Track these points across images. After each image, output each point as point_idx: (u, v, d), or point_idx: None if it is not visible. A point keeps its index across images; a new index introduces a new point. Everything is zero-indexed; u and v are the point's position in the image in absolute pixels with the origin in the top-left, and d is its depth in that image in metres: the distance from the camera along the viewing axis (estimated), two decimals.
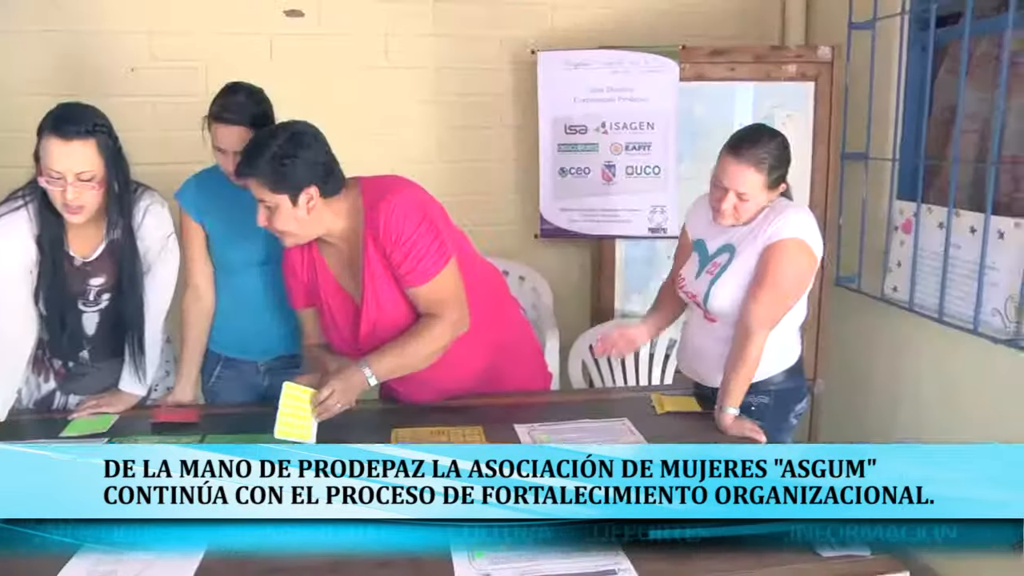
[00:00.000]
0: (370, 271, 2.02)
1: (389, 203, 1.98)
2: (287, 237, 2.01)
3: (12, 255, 2.06)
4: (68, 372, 2.28)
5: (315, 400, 1.90)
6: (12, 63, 3.16)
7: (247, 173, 1.92)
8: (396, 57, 3.34)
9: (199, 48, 3.14)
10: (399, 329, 2.05)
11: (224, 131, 2.16)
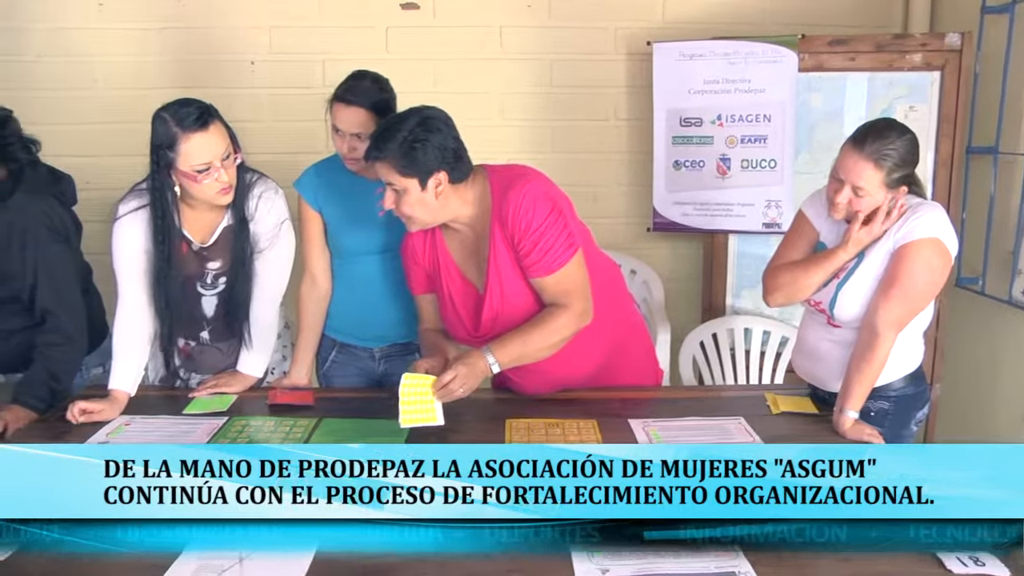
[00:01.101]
0: (495, 259, 2.01)
1: (519, 192, 1.97)
2: (413, 222, 2.01)
3: (136, 242, 2.16)
4: (190, 352, 2.37)
5: (437, 384, 1.91)
6: (137, 58, 3.32)
7: (377, 156, 1.93)
8: (511, 48, 3.34)
9: (317, 42, 3.22)
10: (521, 318, 2.03)
11: (345, 112, 2.18)
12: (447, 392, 1.91)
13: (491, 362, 1.96)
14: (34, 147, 2.33)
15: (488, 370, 1.96)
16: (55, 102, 3.23)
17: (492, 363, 1.96)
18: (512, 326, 2.02)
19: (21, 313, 2.31)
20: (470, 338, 2.10)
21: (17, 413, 2.10)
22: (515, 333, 2.00)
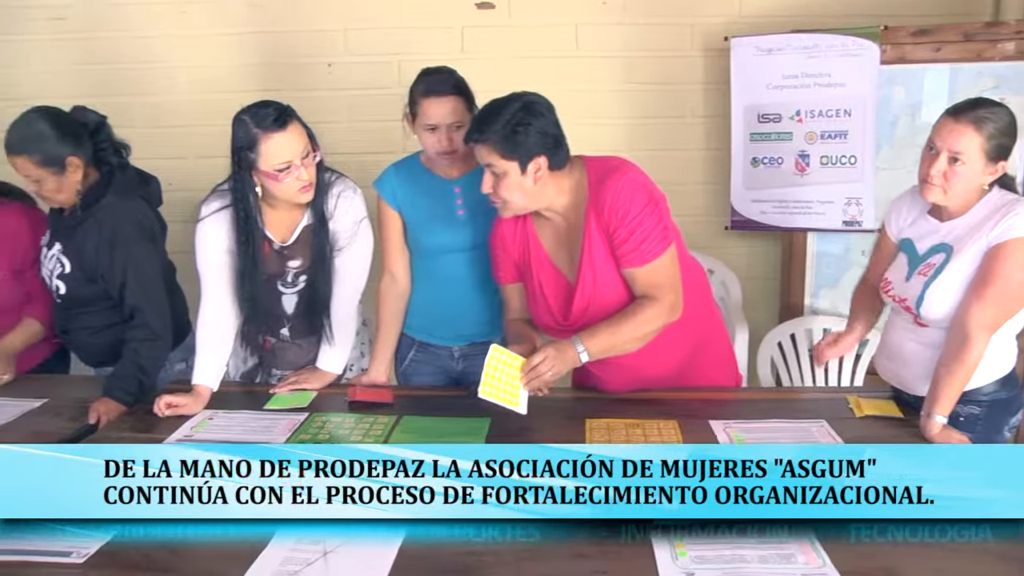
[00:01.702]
0: (589, 249, 2.00)
1: (617, 181, 1.96)
2: (508, 207, 2.01)
3: (218, 241, 2.21)
4: (270, 348, 2.41)
5: (526, 366, 1.92)
6: (216, 63, 3.41)
7: (478, 138, 1.94)
8: (587, 46, 3.32)
9: (392, 42, 3.25)
10: (611, 310, 2.02)
11: (437, 104, 2.18)
12: (535, 374, 1.91)
13: (580, 351, 1.94)
14: (124, 151, 2.41)
15: (577, 359, 1.95)
16: (143, 107, 3.34)
17: (581, 352, 1.95)
18: (602, 317, 2.01)
19: (111, 310, 2.39)
20: (558, 327, 2.10)
21: (108, 405, 2.17)
22: (605, 324, 1.98)
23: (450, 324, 2.40)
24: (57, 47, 3.54)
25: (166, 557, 1.46)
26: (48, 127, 2.24)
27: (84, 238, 2.32)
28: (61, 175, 2.27)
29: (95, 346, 2.50)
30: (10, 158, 2.24)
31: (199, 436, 2.00)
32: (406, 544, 1.46)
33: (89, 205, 2.32)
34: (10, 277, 2.55)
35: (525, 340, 2.09)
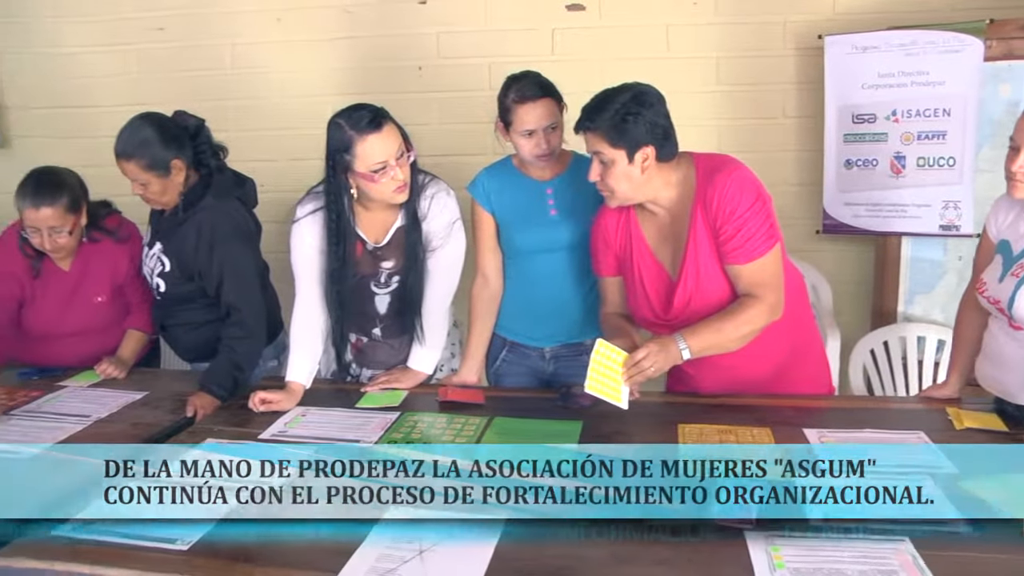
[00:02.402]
0: (694, 244, 2.00)
1: (727, 176, 1.95)
2: (614, 196, 2.01)
3: (313, 242, 2.25)
4: (361, 347, 2.45)
5: (628, 361, 1.91)
6: (308, 68, 3.49)
7: (588, 126, 1.94)
8: (677, 47, 3.28)
9: (483, 45, 3.27)
10: (713, 306, 2.01)
11: (531, 108, 2.20)
12: (638, 369, 1.91)
13: (682, 348, 1.93)
14: (222, 153, 2.48)
15: (679, 356, 1.93)
16: (240, 111, 3.43)
17: (683, 349, 1.93)
18: (704, 312, 2.00)
19: (207, 307, 2.46)
20: (657, 321, 2.09)
21: (204, 399, 2.24)
22: (707, 322, 1.97)
23: (541, 325, 2.42)
24: (156, 55, 3.68)
25: (264, 550, 1.48)
26: (153, 133, 2.32)
27: (184, 238, 2.39)
28: (166, 178, 2.34)
29: (191, 341, 2.57)
30: (119, 163, 2.32)
31: (293, 432, 2.04)
32: (501, 544, 1.46)
33: (189, 206, 2.39)
34: (110, 298, 2.65)
35: (622, 334, 2.08)
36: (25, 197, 2.39)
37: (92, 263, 2.61)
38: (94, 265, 2.61)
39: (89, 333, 2.65)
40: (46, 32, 3.83)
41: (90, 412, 2.25)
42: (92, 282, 2.61)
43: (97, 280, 2.61)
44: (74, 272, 2.59)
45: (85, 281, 2.60)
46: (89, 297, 2.61)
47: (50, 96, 3.86)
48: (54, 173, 2.46)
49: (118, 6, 3.69)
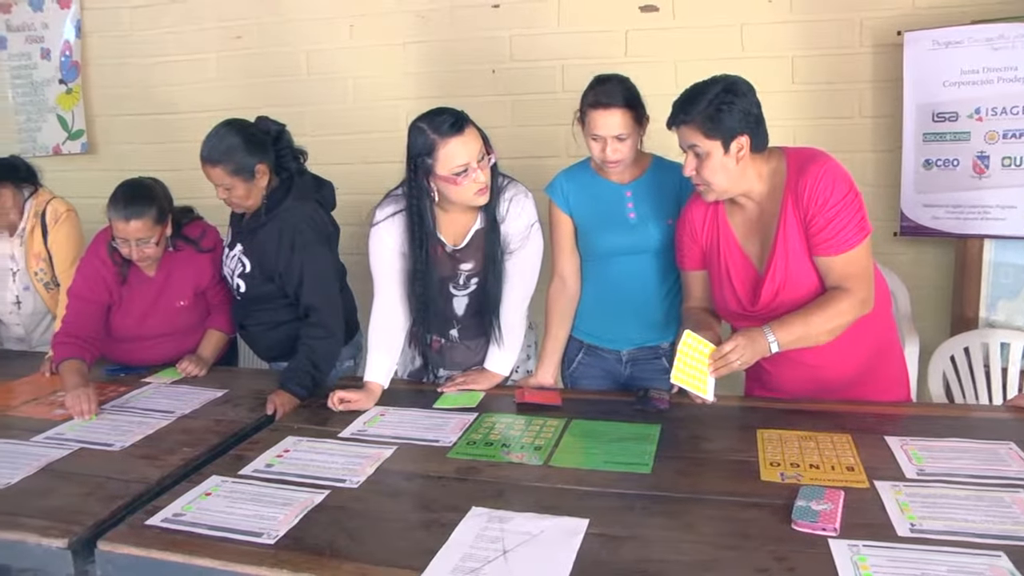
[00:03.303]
0: (783, 236, 1.99)
1: (819, 168, 1.94)
2: (711, 189, 2.01)
3: (393, 244, 2.28)
4: (439, 348, 2.47)
5: (716, 354, 1.91)
6: (381, 73, 3.54)
7: (683, 119, 1.94)
8: (752, 46, 3.24)
9: (556, 47, 3.27)
10: (801, 300, 1.99)
11: (603, 116, 2.19)
12: (724, 362, 1.90)
13: (771, 340, 1.92)
14: (302, 157, 2.53)
15: (767, 348, 1.92)
16: (314, 116, 3.50)
17: (772, 342, 1.92)
18: (791, 305, 1.99)
19: (286, 307, 2.52)
20: (744, 313, 2.08)
21: (284, 398, 2.29)
22: (797, 314, 1.95)
23: (619, 328, 2.41)
24: (234, 63, 3.79)
25: (348, 546, 1.51)
26: (238, 139, 2.38)
27: (265, 240, 2.45)
28: (250, 182, 2.40)
29: (270, 341, 2.63)
30: (204, 168, 2.39)
31: (372, 431, 2.07)
32: (584, 546, 1.46)
33: (270, 209, 2.45)
34: (192, 303, 2.73)
35: (705, 328, 2.06)
36: (116, 209, 2.45)
37: (176, 270, 2.68)
38: (177, 272, 2.68)
39: (171, 336, 2.73)
40: (132, 44, 3.99)
41: (174, 408, 2.33)
42: (175, 288, 2.68)
43: (180, 286, 2.69)
44: (158, 279, 2.67)
45: (168, 287, 2.68)
46: (172, 302, 2.69)
47: (134, 104, 4.01)
48: (143, 187, 2.52)
49: (199, 17, 3.83)
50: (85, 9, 4.04)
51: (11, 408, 2.42)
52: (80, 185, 3.68)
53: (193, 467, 1.93)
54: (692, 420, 1.93)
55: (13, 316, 3.08)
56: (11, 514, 1.70)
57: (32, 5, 4.13)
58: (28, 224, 2.96)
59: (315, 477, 1.79)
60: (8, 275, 3.01)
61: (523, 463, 1.84)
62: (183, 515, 1.64)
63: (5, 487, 1.85)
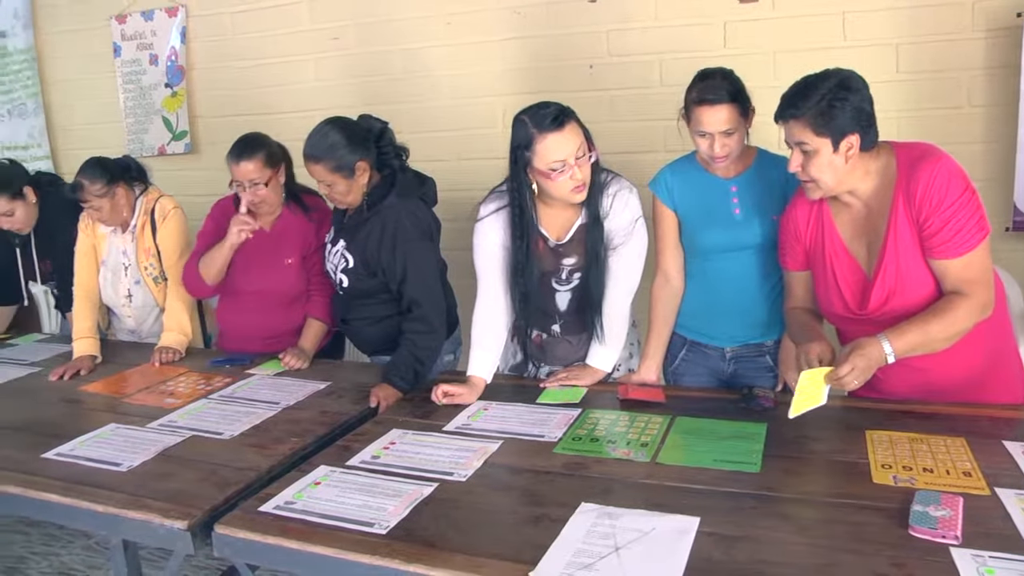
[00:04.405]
0: (894, 238, 1.91)
1: (933, 166, 1.86)
2: (816, 187, 1.95)
3: (496, 239, 2.29)
4: (541, 343, 2.47)
5: (831, 376, 1.83)
6: (478, 70, 3.56)
7: (793, 114, 1.89)
8: (854, 35, 3.13)
9: (653, 42, 3.23)
10: (914, 304, 1.91)
11: (709, 112, 2.15)
12: (840, 385, 1.83)
13: (887, 351, 1.83)
14: (404, 154, 2.56)
15: (883, 359, 1.83)
16: (411, 113, 3.54)
17: (888, 352, 1.83)
18: (903, 310, 1.91)
19: (388, 302, 2.55)
20: (851, 317, 2.01)
21: (387, 391, 2.32)
22: (914, 322, 1.86)
23: (723, 325, 2.37)
24: (332, 63, 3.87)
25: (458, 537, 1.52)
26: (340, 136, 2.43)
27: (367, 236, 2.49)
28: (351, 179, 2.44)
29: (372, 335, 2.68)
30: (307, 164, 2.45)
31: (477, 425, 2.08)
32: (697, 545, 1.44)
33: (373, 205, 2.48)
34: (298, 263, 2.84)
35: (809, 331, 2.01)
36: (231, 155, 2.71)
37: (288, 229, 2.85)
38: (290, 231, 2.85)
39: (269, 298, 2.86)
40: (232, 48, 4.12)
41: (279, 399, 2.39)
42: (284, 246, 2.84)
43: (289, 245, 2.84)
44: (273, 233, 2.85)
45: (278, 244, 2.83)
46: (280, 258, 2.83)
47: (235, 105, 4.14)
48: (256, 135, 2.79)
49: (296, 21, 3.92)
50: (190, 16, 4.20)
51: (126, 396, 2.54)
52: (183, 183, 3.83)
53: (301, 457, 1.98)
54: (797, 420, 1.86)
55: (125, 308, 3.21)
56: (135, 495, 1.80)
57: (144, 15, 4.32)
58: (139, 221, 3.08)
59: (422, 470, 1.81)
60: (121, 269, 3.14)
61: (629, 460, 1.82)
62: (294, 503, 1.68)
63: (128, 470, 1.95)
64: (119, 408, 2.43)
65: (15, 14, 4.62)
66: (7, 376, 2.86)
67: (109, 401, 2.52)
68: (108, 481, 1.89)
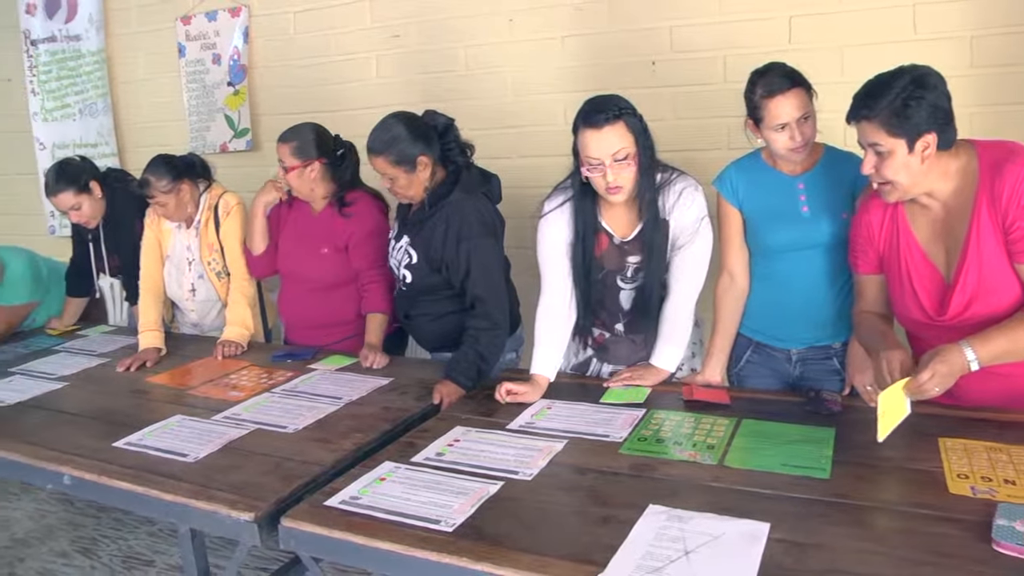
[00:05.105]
0: (976, 240, 1.84)
1: (1020, 166, 1.78)
2: (893, 190, 1.88)
3: (560, 236, 2.28)
4: (604, 342, 2.45)
5: (911, 385, 1.77)
6: (540, 67, 3.54)
7: (865, 114, 1.82)
8: (925, 28, 3.03)
9: (717, 37, 3.17)
10: (997, 311, 1.84)
11: (781, 103, 2.10)
12: (921, 392, 1.77)
13: (971, 359, 1.75)
14: (469, 151, 2.56)
15: (966, 367, 1.76)
16: (473, 110, 3.54)
17: (971, 360, 1.75)
18: (985, 316, 1.84)
19: (451, 299, 2.56)
20: (928, 322, 1.95)
21: (450, 388, 2.33)
22: (1000, 329, 1.79)
23: (789, 326, 2.31)
24: (394, 60, 3.88)
25: (525, 536, 1.51)
26: (403, 130, 2.44)
27: (431, 231, 2.49)
28: (412, 173, 2.46)
29: (434, 332, 2.68)
30: (369, 157, 2.47)
31: (541, 424, 2.07)
32: (769, 551, 1.41)
33: (436, 201, 2.49)
34: (333, 255, 2.89)
35: (881, 337, 1.94)
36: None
37: (327, 221, 2.90)
38: (327, 224, 2.90)
39: (308, 283, 2.92)
40: (294, 47, 4.17)
41: (342, 395, 2.41)
42: (321, 235, 2.89)
43: (325, 235, 2.88)
44: (315, 221, 2.93)
45: (318, 232, 2.89)
46: (317, 246, 2.89)
47: (296, 103, 4.18)
48: (303, 125, 2.90)
49: (358, 19, 3.95)
50: (253, 16, 4.26)
51: (190, 388, 2.59)
52: (245, 180, 3.87)
53: (364, 452, 1.99)
54: (866, 424, 1.81)
55: (189, 303, 3.27)
56: (203, 486, 1.84)
57: (207, 16, 4.40)
58: (203, 217, 3.13)
59: (487, 468, 1.81)
60: (184, 264, 3.20)
61: (696, 462, 1.80)
62: (360, 498, 1.69)
63: (195, 461, 1.99)
64: (184, 400, 2.49)
65: (89, 19, 4.76)
66: (79, 366, 2.96)
67: (174, 393, 2.58)
68: (176, 471, 1.93)
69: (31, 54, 5.00)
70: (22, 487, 3.91)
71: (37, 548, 3.35)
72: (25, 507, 3.73)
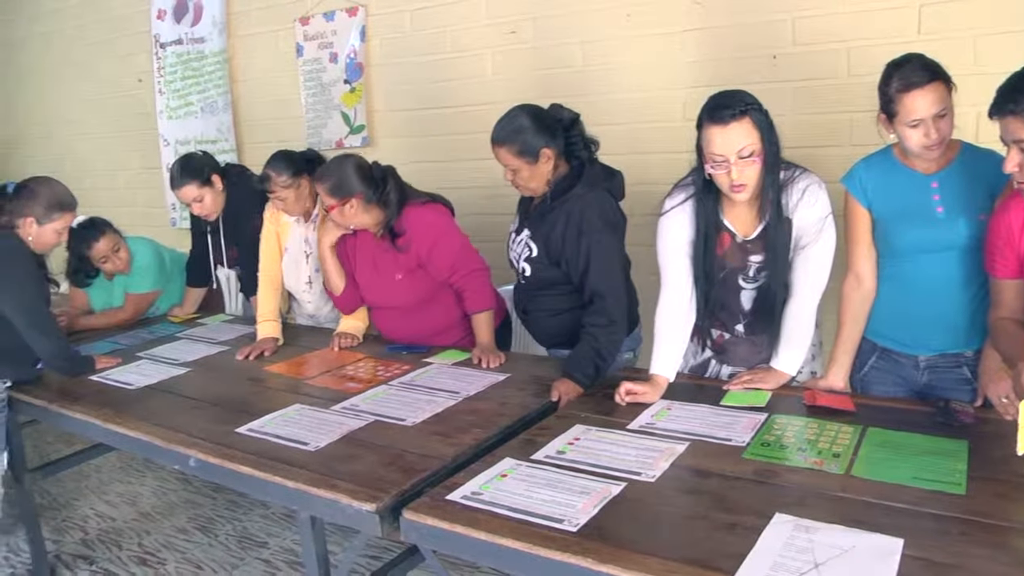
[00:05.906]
0: None
1: None
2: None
3: (681, 233, 2.25)
4: (723, 343, 2.40)
5: None
6: (658, 62, 3.50)
7: (1010, 109, 1.72)
8: None
9: (841, 29, 3.06)
10: None
11: (917, 97, 1.99)
12: None
13: None
14: (593, 146, 2.55)
15: None
16: (590, 106, 3.48)
17: None
18: None
19: (569, 294, 2.56)
20: None
21: (568, 385, 2.32)
22: None
23: (918, 332, 2.21)
24: (510, 56, 3.91)
25: (650, 539, 1.51)
26: (528, 121, 2.46)
27: (552, 225, 2.50)
28: (534, 165, 2.46)
29: (551, 328, 2.69)
30: (493, 148, 2.50)
31: (661, 425, 2.05)
32: (904, 570, 1.36)
33: (559, 194, 2.49)
34: (407, 280, 2.86)
35: (1020, 346, 1.84)
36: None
37: (389, 249, 2.85)
38: (391, 251, 2.84)
39: (398, 309, 2.94)
40: (410, 45, 4.24)
41: (459, 389, 2.44)
42: (389, 262, 2.86)
43: (393, 262, 2.84)
44: (379, 249, 2.88)
45: (385, 262, 2.87)
46: (389, 274, 2.86)
47: (412, 99, 4.27)
48: (335, 158, 2.85)
49: (473, 16, 3.99)
50: (370, 16, 4.35)
51: (308, 378, 2.67)
52: None
53: (484, 448, 2.01)
54: (1001, 438, 1.74)
55: (305, 295, 3.37)
56: (324, 475, 1.88)
57: (325, 16, 4.53)
58: (320, 211, 3.21)
59: (609, 467, 1.80)
60: (302, 257, 3.29)
61: (821, 470, 1.75)
62: (481, 494, 1.71)
63: (316, 450, 2.04)
64: (302, 389, 2.56)
65: (213, 21, 4.98)
66: (200, 353, 3.10)
67: (292, 382, 2.66)
68: (296, 458, 1.98)
69: (159, 56, 5.29)
70: (145, 464, 4.14)
71: (160, 523, 3.56)
72: (150, 483, 3.98)
